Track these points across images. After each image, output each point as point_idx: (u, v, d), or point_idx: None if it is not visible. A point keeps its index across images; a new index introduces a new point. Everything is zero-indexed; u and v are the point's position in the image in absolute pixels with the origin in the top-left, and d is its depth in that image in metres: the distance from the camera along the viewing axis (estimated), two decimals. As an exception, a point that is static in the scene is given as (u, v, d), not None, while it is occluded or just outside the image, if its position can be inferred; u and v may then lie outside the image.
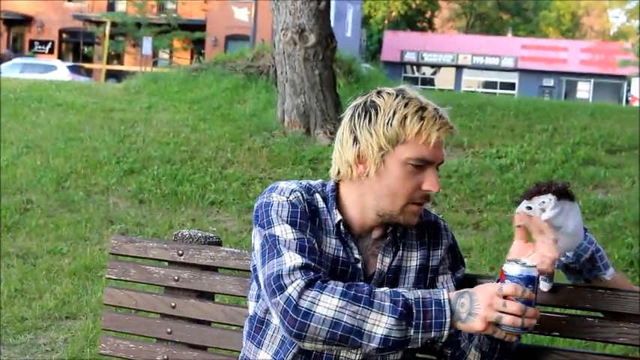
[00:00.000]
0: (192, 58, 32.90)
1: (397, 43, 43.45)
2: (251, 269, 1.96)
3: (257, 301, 1.91)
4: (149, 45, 30.76)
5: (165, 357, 2.37)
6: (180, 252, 2.39)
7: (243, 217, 7.12)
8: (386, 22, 51.49)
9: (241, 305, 2.46)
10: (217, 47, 33.53)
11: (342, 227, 1.86)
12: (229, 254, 2.34)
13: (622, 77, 40.89)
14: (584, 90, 41.98)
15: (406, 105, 1.81)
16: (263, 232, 1.81)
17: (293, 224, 1.80)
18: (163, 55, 36.49)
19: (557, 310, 2.05)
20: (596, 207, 7.05)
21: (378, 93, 1.86)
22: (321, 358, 1.82)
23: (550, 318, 2.03)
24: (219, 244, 2.46)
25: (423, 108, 1.81)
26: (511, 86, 41.84)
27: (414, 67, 45.04)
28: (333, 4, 10.77)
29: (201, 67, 13.14)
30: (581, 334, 2.02)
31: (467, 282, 2.03)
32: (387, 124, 1.80)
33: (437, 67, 44.70)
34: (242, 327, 2.30)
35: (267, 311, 1.86)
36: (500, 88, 40.92)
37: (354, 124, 1.85)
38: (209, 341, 2.35)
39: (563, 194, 1.78)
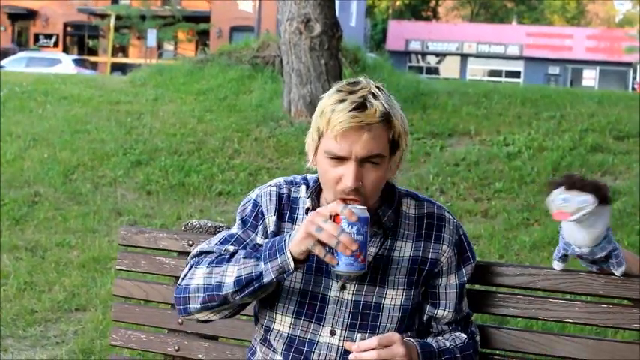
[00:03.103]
0: (196, 49, 32.87)
1: (402, 33, 43.33)
2: None
3: None
4: (154, 37, 30.74)
5: (177, 347, 2.37)
6: (191, 242, 2.38)
7: (250, 208, 7.11)
8: (390, 11, 51.35)
9: (252, 295, 2.45)
10: (222, 38, 33.53)
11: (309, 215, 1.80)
12: (239, 244, 2.33)
13: (628, 64, 40.74)
14: (590, 77, 41.80)
15: (329, 96, 1.78)
16: None
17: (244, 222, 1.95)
18: (168, 47, 36.48)
19: (568, 296, 2.04)
20: (605, 194, 7.01)
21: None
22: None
23: (561, 304, 2.02)
24: (229, 233, 2.44)
25: (342, 100, 1.74)
26: (516, 74, 41.70)
27: (419, 56, 44.90)
28: (337, -7, 10.72)
29: (207, 58, 13.09)
30: (593, 320, 2.01)
31: (477, 271, 2.03)
32: (317, 115, 1.80)
33: (442, 55, 44.55)
34: (252, 317, 2.30)
35: None
36: (506, 77, 40.79)
37: None
38: (220, 331, 2.34)
39: (604, 200, 1.75)
